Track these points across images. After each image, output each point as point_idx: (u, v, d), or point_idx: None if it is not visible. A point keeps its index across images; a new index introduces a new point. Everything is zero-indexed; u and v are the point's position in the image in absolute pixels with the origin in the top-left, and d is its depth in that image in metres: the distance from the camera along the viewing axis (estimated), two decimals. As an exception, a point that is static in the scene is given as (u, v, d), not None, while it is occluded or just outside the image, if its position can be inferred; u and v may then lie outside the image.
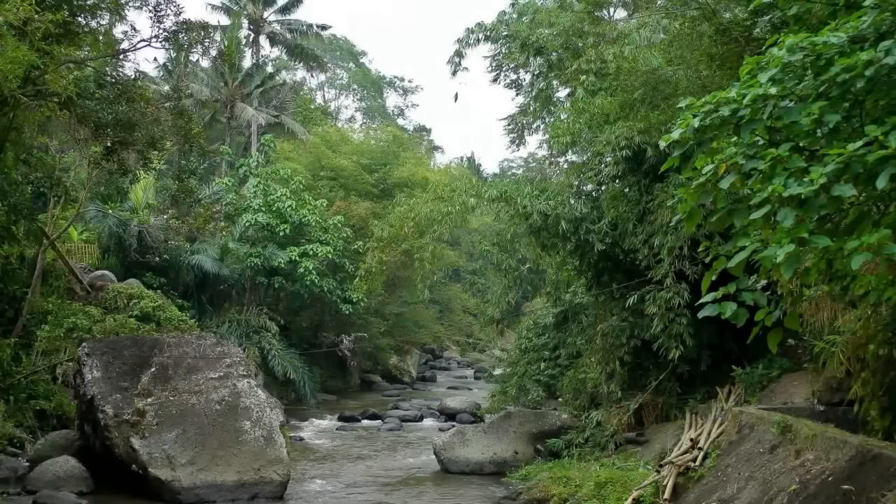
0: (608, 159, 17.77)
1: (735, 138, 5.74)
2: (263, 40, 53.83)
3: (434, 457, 20.16)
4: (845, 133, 5.52)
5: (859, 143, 5.12)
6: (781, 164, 5.38)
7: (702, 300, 6.15)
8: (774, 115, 5.47)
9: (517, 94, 31.28)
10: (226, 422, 16.93)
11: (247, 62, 50.26)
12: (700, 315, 6.17)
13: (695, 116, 5.82)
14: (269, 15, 53.31)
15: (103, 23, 19.71)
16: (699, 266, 15.12)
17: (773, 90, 5.45)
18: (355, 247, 33.77)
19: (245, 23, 51.82)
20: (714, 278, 6.15)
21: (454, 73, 29.89)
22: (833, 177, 5.10)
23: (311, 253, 32.02)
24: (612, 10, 27.76)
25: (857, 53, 5.33)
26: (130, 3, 19.01)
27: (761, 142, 5.65)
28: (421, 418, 29.60)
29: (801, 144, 5.57)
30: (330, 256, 32.45)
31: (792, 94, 5.51)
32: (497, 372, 34.45)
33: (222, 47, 42.96)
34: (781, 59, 5.61)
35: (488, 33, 29.29)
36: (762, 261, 5.50)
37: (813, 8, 7.09)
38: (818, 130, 5.53)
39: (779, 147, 5.46)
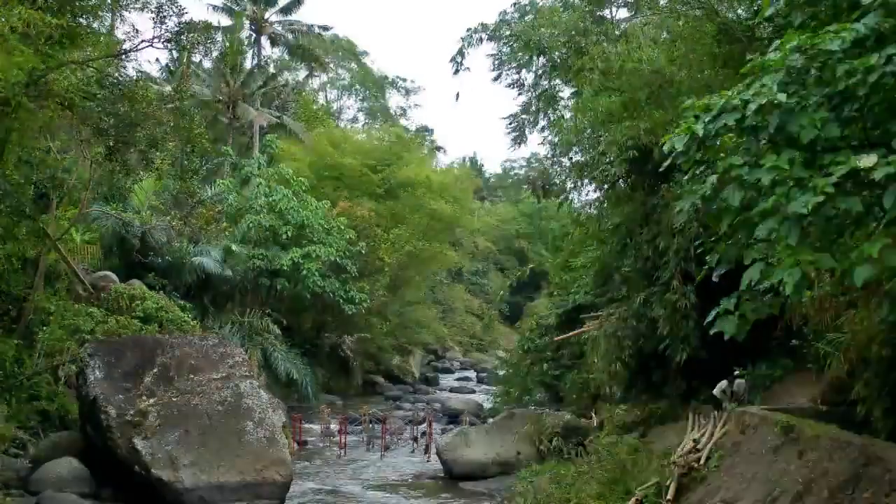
0: (613, 159, 17.71)
1: (739, 140, 5.73)
2: (265, 41, 53.84)
3: (437, 458, 20.15)
4: (848, 141, 5.51)
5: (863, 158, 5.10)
6: (783, 173, 5.36)
7: (708, 319, 6.18)
8: (779, 123, 5.45)
9: (519, 94, 31.29)
10: (228, 423, 16.92)
11: (248, 63, 50.26)
12: (711, 332, 6.19)
13: (697, 119, 5.80)
14: (271, 15, 53.31)
15: (105, 24, 19.71)
16: (705, 268, 15.05)
17: (782, 97, 5.41)
18: (357, 248, 33.75)
19: (246, 23, 51.80)
20: (716, 279, 6.16)
21: (456, 72, 29.88)
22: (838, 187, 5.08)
23: (313, 254, 32.00)
24: (614, 9, 27.74)
25: (859, 58, 5.30)
26: (132, 5, 18.98)
27: (764, 145, 5.64)
28: (423, 419, 29.52)
29: (803, 151, 5.55)
30: (332, 258, 32.43)
31: (798, 100, 5.48)
32: (500, 373, 34.46)
33: (224, 48, 42.91)
34: (783, 61, 5.58)
35: (490, 33, 29.29)
36: (767, 277, 5.51)
37: (817, 13, 7.06)
38: (821, 137, 5.52)
39: (781, 154, 5.44)
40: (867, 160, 4.94)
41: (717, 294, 7.71)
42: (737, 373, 15.56)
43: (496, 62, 30.16)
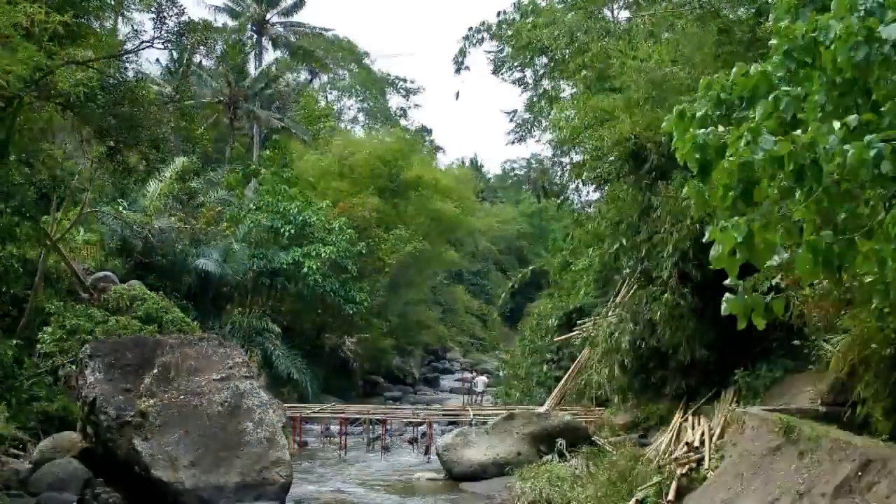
0: (611, 157, 17.70)
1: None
2: (266, 42, 53.85)
3: (437, 458, 20.13)
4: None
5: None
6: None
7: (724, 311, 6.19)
8: (771, 102, 5.43)
9: (522, 92, 31.34)
10: (228, 423, 16.89)
11: (250, 64, 50.28)
12: (724, 313, 6.21)
13: (694, 104, 5.79)
14: (272, 17, 53.34)
15: (107, 24, 19.70)
16: (704, 268, 15.05)
17: (784, 88, 5.38)
18: (358, 248, 33.75)
19: (248, 24, 51.82)
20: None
21: (458, 71, 29.91)
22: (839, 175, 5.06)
23: (314, 254, 32.01)
24: (615, 9, 27.77)
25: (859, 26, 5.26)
26: (134, 5, 18.99)
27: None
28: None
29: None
30: (333, 257, 32.45)
31: (795, 78, 5.45)
32: (500, 374, 34.45)
33: (225, 49, 42.95)
34: (786, 44, 5.55)
35: (492, 32, 29.32)
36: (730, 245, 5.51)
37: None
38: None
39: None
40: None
41: (717, 294, 7.66)
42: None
43: (497, 61, 30.22)
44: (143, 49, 19.09)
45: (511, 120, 32.68)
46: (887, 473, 8.02)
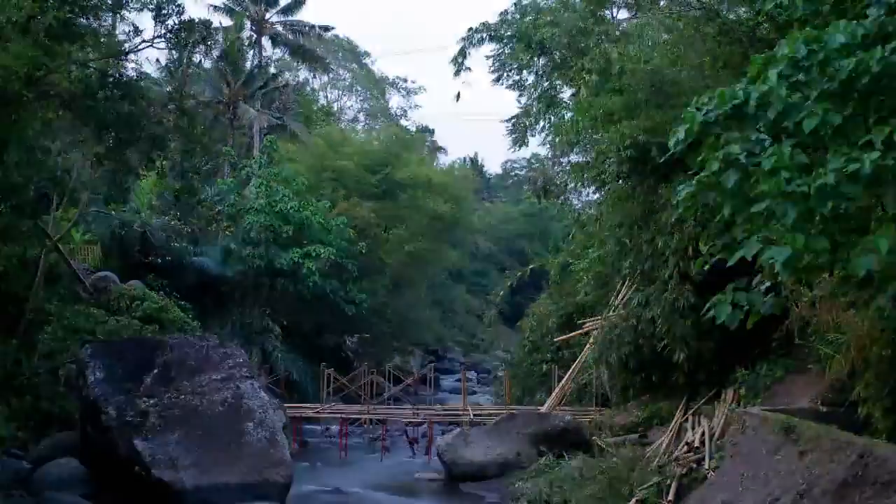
0: (612, 159, 17.69)
1: (738, 134, 5.72)
2: (266, 41, 53.84)
3: (437, 458, 20.13)
4: (849, 130, 5.49)
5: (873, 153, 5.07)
6: (783, 160, 5.35)
7: (707, 306, 6.17)
8: (779, 110, 5.44)
9: (521, 95, 31.32)
10: (229, 423, 16.89)
11: (249, 63, 50.21)
12: (716, 320, 6.18)
13: (699, 110, 5.80)
14: (272, 16, 53.31)
15: (105, 24, 19.70)
16: (700, 259, 15.04)
17: (783, 90, 5.40)
18: (357, 248, 33.72)
19: (247, 24, 51.78)
20: (706, 267, 6.17)
21: (457, 73, 29.89)
22: (838, 178, 5.07)
23: (313, 254, 31.99)
24: (615, 10, 27.76)
25: (866, 53, 5.29)
26: (131, 4, 18.98)
27: (766, 139, 5.63)
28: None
29: (805, 141, 5.54)
30: (333, 257, 32.43)
31: (798, 91, 5.46)
32: (500, 373, 34.43)
33: (224, 48, 42.90)
34: (789, 55, 5.56)
35: (492, 33, 29.31)
36: (762, 261, 5.49)
37: (821, 10, 7.04)
38: (821, 130, 5.50)
39: (782, 143, 5.43)
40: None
41: (717, 293, 7.69)
42: None
43: (497, 63, 30.20)
44: (142, 48, 19.10)
45: (511, 127, 32.66)
46: (887, 473, 8.02)
